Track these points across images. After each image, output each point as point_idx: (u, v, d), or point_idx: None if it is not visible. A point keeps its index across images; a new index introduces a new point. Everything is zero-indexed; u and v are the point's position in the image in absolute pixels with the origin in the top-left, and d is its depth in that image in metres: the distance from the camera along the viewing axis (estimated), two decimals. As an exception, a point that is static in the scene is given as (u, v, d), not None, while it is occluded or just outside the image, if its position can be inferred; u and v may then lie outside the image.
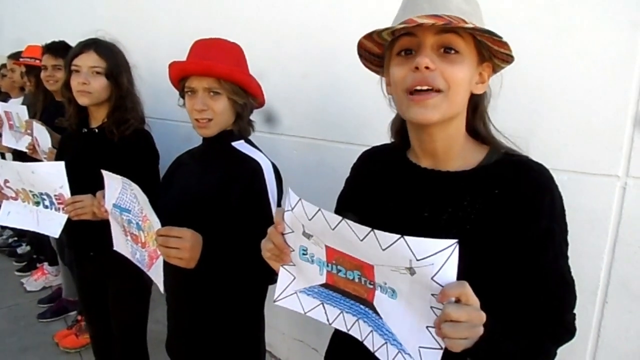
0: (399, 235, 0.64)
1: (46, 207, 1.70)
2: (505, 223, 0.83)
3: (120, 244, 1.49)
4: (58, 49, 2.50)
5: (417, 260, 0.64)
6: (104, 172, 1.42)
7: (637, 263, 1.27)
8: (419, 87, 0.81)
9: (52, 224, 1.67)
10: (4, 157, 3.35)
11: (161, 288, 1.30)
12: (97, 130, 1.85)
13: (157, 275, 1.31)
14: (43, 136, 2.21)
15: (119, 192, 1.40)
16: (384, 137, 1.11)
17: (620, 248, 1.29)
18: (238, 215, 1.33)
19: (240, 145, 1.44)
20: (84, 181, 1.56)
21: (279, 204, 1.39)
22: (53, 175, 1.61)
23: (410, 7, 0.83)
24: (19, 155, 2.72)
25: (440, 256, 0.62)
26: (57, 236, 1.66)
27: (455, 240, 0.62)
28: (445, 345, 0.66)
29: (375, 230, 0.67)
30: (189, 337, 1.46)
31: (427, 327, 0.68)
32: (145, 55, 2.09)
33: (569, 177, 1.30)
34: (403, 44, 0.84)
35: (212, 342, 1.43)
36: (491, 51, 0.85)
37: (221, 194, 1.36)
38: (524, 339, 0.81)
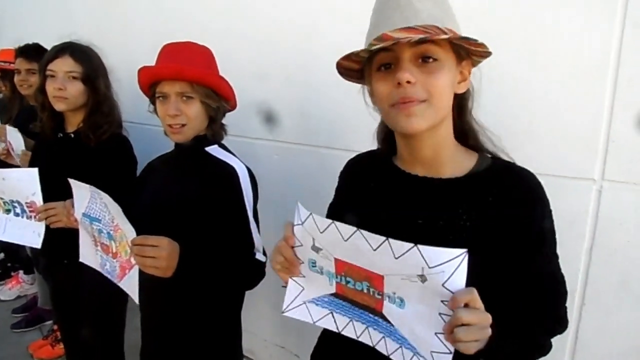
0: (412, 244, 0.69)
1: (17, 214, 1.65)
2: (500, 230, 0.86)
3: (88, 255, 1.45)
4: (31, 53, 2.45)
5: (429, 267, 0.68)
6: (71, 181, 1.38)
7: (612, 265, 1.30)
8: (403, 101, 0.83)
9: (24, 233, 1.62)
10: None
11: (135, 299, 1.27)
12: (72, 135, 1.81)
13: (129, 286, 1.28)
14: (16, 138, 2.15)
15: (87, 200, 1.36)
16: (365, 141, 1.11)
17: (597, 250, 1.32)
18: (214, 222, 1.32)
19: (214, 150, 1.42)
20: (59, 187, 1.52)
21: (254, 209, 1.38)
22: (25, 182, 1.56)
23: (382, 22, 0.84)
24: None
25: (450, 264, 0.67)
26: (39, 246, 1.60)
27: (465, 250, 0.66)
28: (460, 349, 0.70)
29: (390, 239, 0.71)
30: (164, 345, 1.44)
31: (435, 333, 0.73)
32: (123, 58, 2.06)
33: (547, 181, 1.30)
34: (381, 59, 0.85)
35: (187, 350, 1.41)
36: (468, 50, 0.87)
37: (196, 201, 1.34)
38: (524, 334, 0.85)
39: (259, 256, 1.38)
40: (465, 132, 0.97)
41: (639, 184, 1.24)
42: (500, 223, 0.86)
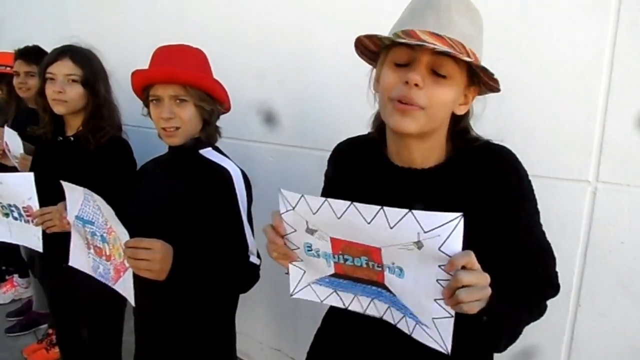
0: (407, 210, 0.70)
1: (15, 218, 1.65)
2: (482, 206, 0.88)
3: (79, 259, 1.44)
4: (31, 55, 2.44)
5: (425, 232, 0.70)
6: (64, 184, 1.38)
7: (607, 266, 1.30)
8: (403, 101, 0.84)
9: (28, 236, 1.62)
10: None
11: (131, 301, 1.26)
12: (72, 139, 1.80)
13: (125, 289, 1.27)
14: (14, 141, 2.15)
15: (80, 203, 1.35)
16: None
17: (592, 252, 1.33)
18: (207, 225, 1.31)
19: (208, 152, 1.41)
20: (58, 191, 1.52)
21: (249, 212, 1.38)
22: (21, 187, 1.56)
23: (416, 16, 0.85)
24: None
25: (446, 228, 0.68)
26: (41, 250, 1.60)
27: (460, 214, 0.68)
28: (463, 310, 0.72)
29: (385, 208, 0.72)
30: (157, 348, 1.43)
31: (435, 300, 0.74)
32: (121, 60, 2.06)
33: (542, 183, 1.32)
34: (399, 53, 0.86)
35: (181, 353, 1.40)
36: (481, 79, 0.88)
37: (190, 204, 1.33)
38: (520, 296, 0.89)
39: (253, 259, 1.37)
40: (453, 141, 0.99)
41: (633, 186, 1.25)
42: (480, 201, 0.89)
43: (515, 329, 0.89)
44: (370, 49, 0.94)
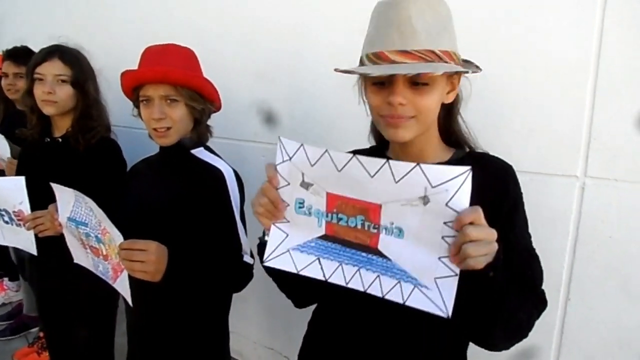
0: (414, 164, 0.68)
1: (6, 222, 1.63)
2: (481, 207, 0.88)
3: (81, 257, 1.43)
4: (20, 56, 2.41)
5: (432, 187, 0.68)
6: (54, 185, 1.37)
7: (595, 261, 1.32)
8: (392, 119, 0.88)
9: (21, 239, 1.61)
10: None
11: (129, 301, 1.26)
12: (60, 140, 1.79)
13: (123, 289, 1.27)
14: (1, 144, 2.12)
15: (72, 205, 1.34)
16: (351, 141, 1.12)
17: (581, 247, 1.34)
18: (201, 225, 1.31)
19: (199, 152, 1.41)
20: (48, 194, 1.50)
21: (241, 211, 1.38)
22: (12, 191, 1.54)
23: (381, 35, 0.86)
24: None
25: (454, 182, 0.66)
26: (35, 253, 1.59)
27: (469, 167, 0.66)
28: (470, 265, 0.70)
29: (391, 161, 0.69)
30: (150, 349, 1.42)
31: (439, 258, 0.72)
32: (111, 61, 2.04)
33: (531, 178, 1.34)
34: (376, 77, 0.87)
35: (174, 353, 1.40)
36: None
37: (182, 204, 1.33)
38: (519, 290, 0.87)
39: (247, 258, 1.37)
40: (449, 132, 1.02)
41: (621, 180, 1.26)
42: (479, 202, 0.89)
43: (514, 316, 0.86)
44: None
